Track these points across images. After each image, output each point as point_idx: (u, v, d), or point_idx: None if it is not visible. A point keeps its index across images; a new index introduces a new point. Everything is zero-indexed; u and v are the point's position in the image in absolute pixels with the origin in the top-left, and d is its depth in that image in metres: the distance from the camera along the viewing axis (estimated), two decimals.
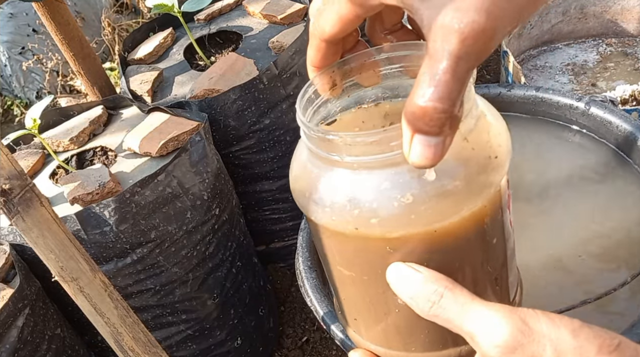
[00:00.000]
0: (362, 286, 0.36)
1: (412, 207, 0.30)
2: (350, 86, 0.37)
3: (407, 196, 0.30)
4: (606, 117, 0.73)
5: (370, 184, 0.31)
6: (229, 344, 1.09)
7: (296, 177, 0.37)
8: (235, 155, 1.14)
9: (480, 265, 0.35)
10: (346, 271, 0.36)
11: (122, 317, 0.66)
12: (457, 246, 0.32)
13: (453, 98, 0.26)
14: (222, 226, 1.02)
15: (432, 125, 0.27)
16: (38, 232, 0.58)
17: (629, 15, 1.47)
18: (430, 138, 0.27)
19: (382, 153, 0.30)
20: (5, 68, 2.19)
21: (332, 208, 0.32)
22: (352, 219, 0.32)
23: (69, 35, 1.10)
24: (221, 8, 1.30)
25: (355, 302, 0.38)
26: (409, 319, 0.35)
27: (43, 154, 1.03)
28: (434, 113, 0.26)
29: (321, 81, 0.36)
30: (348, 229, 0.32)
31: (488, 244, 0.34)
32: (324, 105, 0.37)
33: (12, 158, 0.56)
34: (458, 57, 0.25)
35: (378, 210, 0.31)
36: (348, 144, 0.30)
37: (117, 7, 2.39)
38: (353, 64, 0.36)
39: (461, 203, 0.31)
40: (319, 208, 0.33)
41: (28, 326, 0.82)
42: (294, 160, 0.38)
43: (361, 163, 0.31)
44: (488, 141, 0.32)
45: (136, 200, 0.86)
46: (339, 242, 0.35)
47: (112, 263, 0.89)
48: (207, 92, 1.06)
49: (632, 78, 1.38)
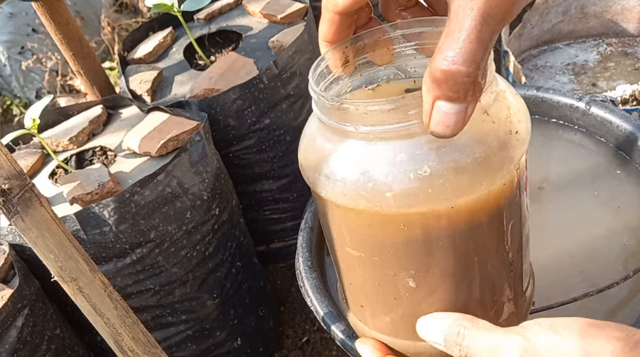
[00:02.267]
0: (372, 268, 0.34)
1: (429, 181, 0.29)
2: (363, 64, 0.36)
3: (424, 168, 0.29)
4: (606, 117, 0.73)
5: (385, 155, 0.30)
6: (228, 344, 1.09)
7: (306, 152, 0.35)
8: (235, 155, 1.14)
9: (496, 247, 0.33)
10: (355, 252, 0.34)
11: (121, 317, 0.66)
12: (474, 225, 0.31)
13: (477, 61, 0.25)
14: (222, 226, 1.02)
15: (455, 91, 0.26)
16: (37, 232, 0.58)
17: (629, 15, 1.47)
18: (452, 105, 0.26)
19: (399, 122, 0.29)
20: (5, 68, 2.18)
21: (344, 182, 0.31)
22: (365, 193, 0.30)
23: (69, 35, 1.10)
24: (221, 7, 1.30)
25: (363, 286, 0.37)
26: (419, 305, 0.34)
27: (42, 153, 1.02)
28: (457, 76, 0.25)
29: (333, 57, 0.35)
30: (361, 204, 0.31)
31: (505, 225, 0.33)
32: (335, 82, 0.36)
33: (12, 158, 0.56)
34: (483, 18, 0.25)
35: (393, 183, 0.29)
36: (364, 113, 0.29)
37: (117, 6, 2.39)
38: (366, 40, 0.35)
39: (480, 179, 0.29)
40: (329, 183, 0.32)
41: (27, 326, 0.82)
42: (303, 136, 0.36)
43: (376, 133, 0.30)
44: (508, 116, 0.31)
45: (136, 200, 0.86)
46: (349, 220, 0.33)
47: (111, 263, 0.89)
48: (207, 91, 1.06)
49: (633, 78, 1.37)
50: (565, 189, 0.71)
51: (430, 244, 0.31)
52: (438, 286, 0.33)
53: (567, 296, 0.57)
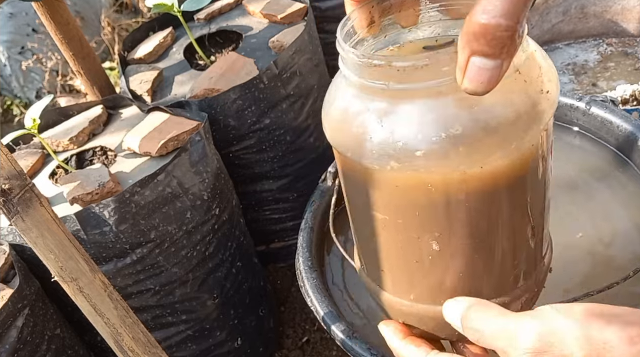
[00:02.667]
0: (395, 230, 0.34)
1: (460, 140, 0.28)
2: (388, 25, 0.35)
3: (455, 127, 0.28)
4: (607, 117, 0.73)
5: (416, 114, 0.29)
6: (229, 344, 1.09)
7: (330, 112, 0.34)
8: (235, 155, 1.14)
9: (521, 210, 0.33)
10: (380, 214, 0.34)
11: (121, 317, 0.66)
12: (500, 186, 0.31)
13: (518, 14, 0.24)
14: (222, 226, 1.02)
15: (493, 45, 0.25)
16: (37, 232, 0.58)
17: (629, 15, 1.47)
18: (487, 61, 0.25)
19: (432, 79, 0.28)
20: (5, 68, 2.18)
21: (371, 141, 0.30)
22: (394, 152, 0.29)
23: (69, 35, 1.10)
24: (221, 7, 1.30)
25: (386, 250, 0.36)
26: (441, 268, 0.34)
27: (42, 153, 1.02)
28: (497, 30, 0.24)
29: (360, 17, 0.34)
30: (389, 164, 0.30)
31: (530, 188, 0.33)
32: (360, 43, 0.35)
33: (12, 158, 0.56)
34: None
35: (423, 142, 0.29)
36: (396, 69, 0.28)
37: (117, 6, 2.39)
38: (393, 0, 0.34)
39: (511, 138, 0.29)
40: (356, 143, 0.31)
41: (27, 326, 0.82)
42: (328, 97, 0.35)
43: (408, 91, 0.29)
44: (539, 76, 0.30)
45: (136, 200, 0.86)
46: (375, 181, 0.32)
47: (111, 263, 0.89)
48: (207, 91, 1.06)
49: (633, 78, 1.37)
50: (564, 190, 0.71)
51: (457, 206, 0.31)
52: (461, 249, 0.33)
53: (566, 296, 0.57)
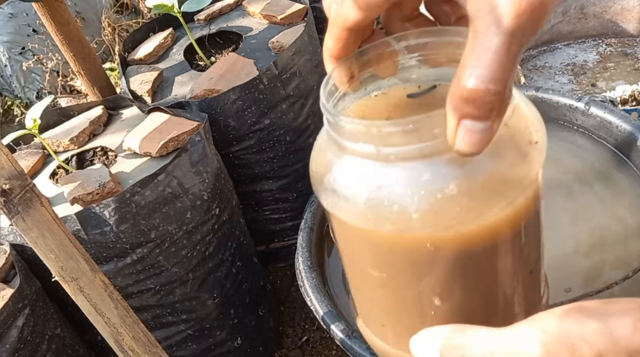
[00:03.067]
0: (395, 287, 0.34)
1: (457, 199, 0.28)
2: (368, 78, 0.35)
3: (450, 187, 0.28)
4: (606, 117, 0.73)
5: (409, 176, 0.29)
6: (228, 344, 1.09)
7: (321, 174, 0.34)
8: (235, 155, 1.14)
9: (520, 259, 0.33)
10: (377, 273, 0.33)
11: (122, 317, 0.66)
12: (499, 239, 0.31)
13: (506, 79, 0.24)
14: (222, 226, 1.02)
15: (483, 109, 0.25)
16: (38, 232, 0.58)
17: (628, 15, 1.47)
18: (478, 123, 0.25)
19: (423, 142, 0.28)
20: (6, 68, 2.19)
21: (366, 205, 0.30)
22: (390, 215, 0.29)
23: (69, 36, 1.10)
24: (221, 8, 1.30)
25: (385, 306, 0.36)
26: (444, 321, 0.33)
27: (43, 154, 1.03)
28: (486, 96, 0.24)
29: (340, 74, 0.34)
30: (385, 227, 0.29)
31: (528, 236, 0.33)
32: (342, 99, 0.35)
33: (12, 158, 0.56)
34: (512, 33, 0.23)
35: (419, 204, 0.28)
36: (386, 134, 0.28)
37: (117, 7, 2.39)
38: (371, 54, 0.34)
39: (507, 192, 0.29)
40: (350, 206, 0.31)
41: (28, 326, 0.82)
42: (316, 157, 0.35)
43: (399, 154, 0.29)
44: (527, 127, 0.30)
45: (136, 200, 0.86)
46: (371, 242, 0.32)
47: (112, 263, 0.89)
48: (207, 92, 1.06)
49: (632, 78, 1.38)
50: (563, 189, 0.71)
51: (457, 262, 0.31)
52: (463, 301, 0.33)
53: (565, 297, 0.58)
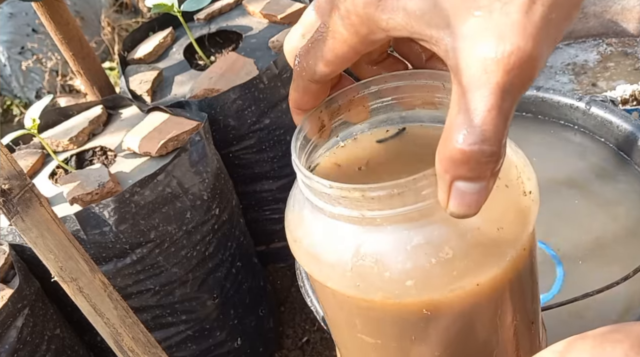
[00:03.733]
0: (390, 352, 0.32)
1: (452, 263, 0.26)
2: (339, 125, 0.33)
3: (445, 250, 0.26)
4: (607, 116, 0.73)
5: (399, 240, 0.27)
6: (228, 344, 1.09)
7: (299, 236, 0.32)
8: (235, 155, 1.14)
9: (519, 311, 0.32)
10: (370, 339, 0.31)
11: (121, 317, 0.66)
12: (497, 295, 0.29)
13: (500, 138, 0.22)
14: (222, 226, 1.02)
15: (476, 170, 0.23)
16: (37, 232, 0.58)
17: (629, 15, 1.47)
18: (472, 184, 0.24)
19: (412, 204, 0.26)
20: (5, 68, 2.18)
21: (353, 272, 0.28)
22: (382, 283, 0.27)
23: (69, 35, 1.10)
24: (221, 7, 1.30)
25: None
26: None
27: (42, 154, 1.02)
28: (480, 157, 0.23)
29: (310, 125, 0.32)
30: (377, 295, 0.28)
31: (526, 287, 0.31)
32: (314, 151, 0.33)
33: (12, 158, 0.56)
34: (504, 90, 0.22)
35: (413, 270, 0.26)
36: (370, 198, 0.26)
37: (117, 6, 2.39)
38: (340, 101, 0.32)
39: (504, 249, 0.27)
40: (336, 273, 0.29)
41: (27, 326, 0.82)
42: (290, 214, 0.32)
43: (386, 217, 0.27)
44: (519, 177, 0.29)
45: (136, 200, 0.86)
46: (362, 310, 0.30)
47: (111, 263, 0.89)
48: (207, 91, 1.06)
49: (633, 78, 1.37)
50: (564, 189, 0.71)
51: (456, 324, 0.29)
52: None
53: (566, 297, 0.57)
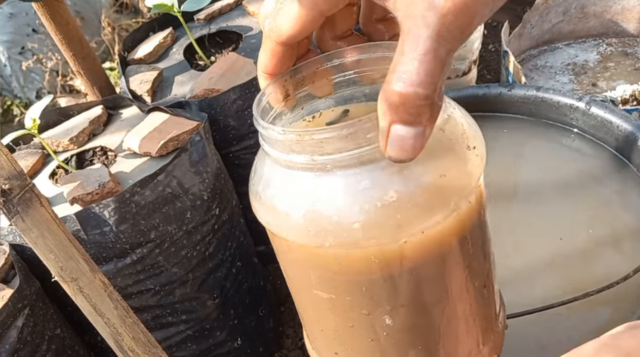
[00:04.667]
0: (344, 309, 0.32)
1: (397, 207, 0.28)
2: (304, 97, 0.35)
3: (390, 193, 0.27)
4: (606, 117, 0.73)
5: (347, 184, 0.28)
6: (228, 344, 1.09)
7: (258, 192, 0.33)
8: (235, 155, 1.14)
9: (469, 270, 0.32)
10: (324, 294, 0.32)
11: (121, 317, 0.66)
12: (445, 248, 0.30)
13: (435, 82, 0.24)
14: (222, 226, 1.02)
15: (412, 114, 0.24)
16: (38, 232, 0.58)
17: (629, 15, 1.47)
18: (409, 128, 0.25)
19: (359, 148, 0.27)
20: (5, 68, 2.19)
21: (305, 218, 0.29)
22: (331, 227, 0.28)
23: (69, 35, 1.10)
24: (221, 8, 1.30)
25: (336, 331, 0.34)
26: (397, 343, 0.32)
27: (43, 154, 1.03)
28: (415, 99, 0.24)
29: (274, 91, 0.33)
30: (327, 240, 0.29)
31: (475, 246, 0.32)
32: (278, 118, 0.34)
33: (12, 158, 0.56)
34: (439, 35, 0.23)
35: (360, 213, 0.28)
36: (319, 141, 0.27)
37: (117, 6, 2.39)
38: (305, 72, 0.33)
39: (448, 198, 0.28)
40: (289, 221, 0.30)
41: (28, 326, 0.82)
42: (253, 175, 0.34)
43: (335, 162, 0.28)
44: (464, 132, 0.30)
45: (136, 200, 0.86)
46: (315, 259, 0.31)
47: (111, 263, 0.89)
48: (207, 91, 1.06)
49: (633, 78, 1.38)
50: (563, 192, 0.71)
51: (404, 276, 0.30)
52: (415, 319, 0.32)
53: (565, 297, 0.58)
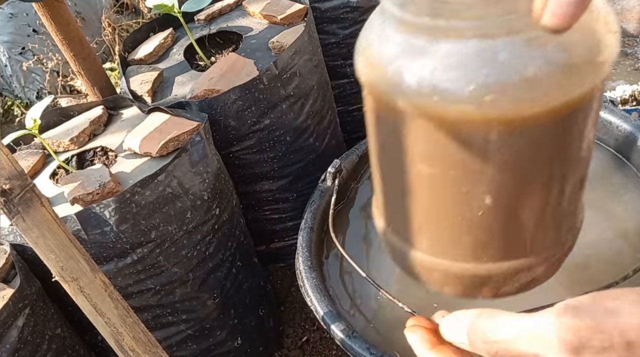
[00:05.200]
0: (444, 185, 0.31)
1: (534, 81, 0.27)
2: None
3: (529, 68, 0.27)
4: (606, 117, 0.73)
5: (485, 55, 0.27)
6: (229, 344, 1.09)
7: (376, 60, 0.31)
8: (235, 155, 1.14)
9: (578, 157, 0.31)
10: (428, 168, 0.31)
11: (122, 317, 0.66)
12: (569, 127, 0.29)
13: None
14: (222, 226, 1.02)
15: None
16: (38, 232, 0.58)
17: (629, 15, 1.47)
18: None
19: (504, 15, 0.26)
20: (6, 68, 2.19)
21: (436, 87, 0.28)
22: (464, 97, 0.27)
23: (69, 36, 1.10)
24: (221, 8, 1.30)
25: (428, 207, 0.34)
26: (491, 223, 0.32)
27: (43, 154, 1.03)
28: None
29: None
30: (457, 109, 0.28)
31: (590, 133, 0.31)
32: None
33: (13, 158, 0.56)
34: None
35: (495, 85, 0.27)
36: (463, 4, 0.26)
37: (118, 7, 2.39)
38: None
39: (585, 77, 0.27)
40: (415, 90, 0.28)
41: (28, 326, 0.82)
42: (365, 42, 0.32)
43: (476, 30, 0.27)
44: (606, 16, 0.29)
45: (136, 200, 0.87)
46: (435, 132, 0.30)
47: (112, 263, 0.89)
48: (207, 92, 1.06)
49: (632, 78, 1.38)
50: None
51: (520, 152, 0.29)
52: (516, 201, 0.31)
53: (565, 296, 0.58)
